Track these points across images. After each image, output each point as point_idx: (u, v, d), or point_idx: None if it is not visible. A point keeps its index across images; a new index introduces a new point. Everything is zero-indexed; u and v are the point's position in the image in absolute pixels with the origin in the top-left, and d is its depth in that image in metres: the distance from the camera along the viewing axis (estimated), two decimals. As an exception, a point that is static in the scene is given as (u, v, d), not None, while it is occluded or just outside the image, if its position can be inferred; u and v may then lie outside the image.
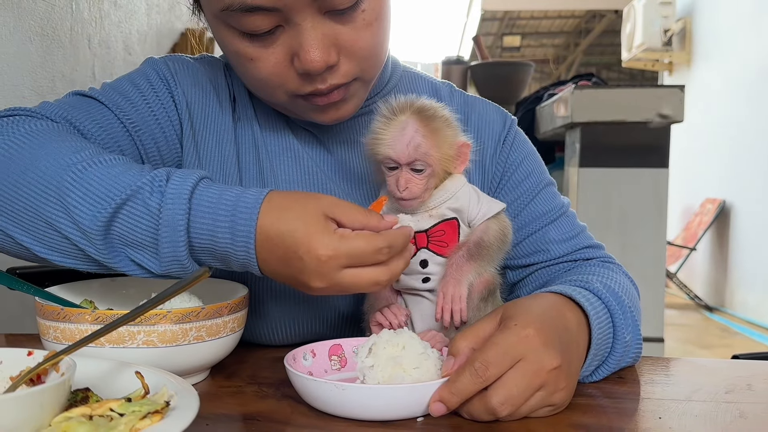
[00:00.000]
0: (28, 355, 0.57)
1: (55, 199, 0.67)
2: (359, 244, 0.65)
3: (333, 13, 0.73)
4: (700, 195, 6.85)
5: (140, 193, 0.66)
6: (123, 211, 0.66)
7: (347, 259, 0.65)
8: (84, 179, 0.67)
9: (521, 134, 0.97)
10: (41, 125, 0.75)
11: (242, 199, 0.67)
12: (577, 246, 0.91)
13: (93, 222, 0.66)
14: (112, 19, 2.17)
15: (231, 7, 0.71)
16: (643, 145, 2.65)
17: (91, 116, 0.81)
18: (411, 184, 0.74)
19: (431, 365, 0.65)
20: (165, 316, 0.67)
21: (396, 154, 0.73)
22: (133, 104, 0.84)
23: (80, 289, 0.82)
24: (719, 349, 4.68)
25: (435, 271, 0.77)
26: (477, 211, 0.78)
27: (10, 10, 1.64)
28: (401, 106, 0.75)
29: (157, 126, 0.86)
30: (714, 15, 6.87)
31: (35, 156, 0.70)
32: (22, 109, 0.79)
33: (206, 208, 0.66)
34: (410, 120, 0.74)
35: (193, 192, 0.67)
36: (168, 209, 0.66)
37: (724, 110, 6.46)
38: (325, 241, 0.64)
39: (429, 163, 0.74)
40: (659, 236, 2.71)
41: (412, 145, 0.73)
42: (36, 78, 1.75)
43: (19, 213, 0.69)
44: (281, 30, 0.73)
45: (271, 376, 0.76)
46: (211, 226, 0.66)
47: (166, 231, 0.66)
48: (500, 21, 11.94)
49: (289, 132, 0.90)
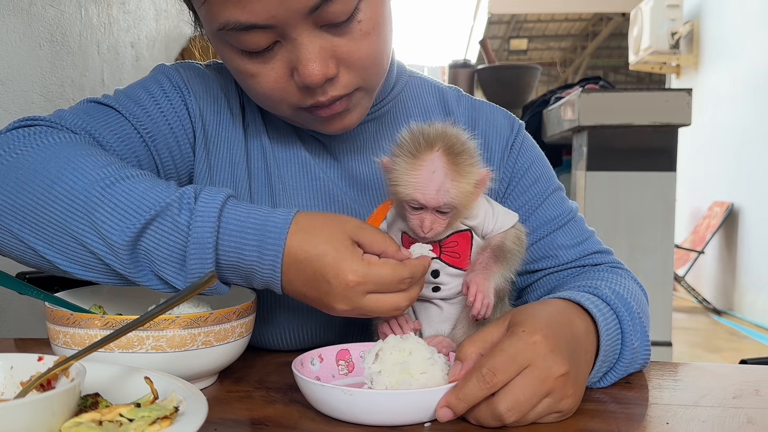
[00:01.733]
0: (39, 361, 0.57)
1: (82, 213, 0.68)
2: (386, 272, 0.68)
3: (329, 26, 0.72)
4: (708, 198, 6.82)
5: (169, 210, 0.68)
6: (151, 227, 0.67)
7: (373, 285, 0.68)
8: (112, 195, 0.69)
9: (529, 139, 0.97)
10: (64, 137, 0.75)
11: (271, 219, 0.69)
12: (585, 251, 0.91)
13: (121, 237, 0.67)
14: (120, 24, 2.18)
15: (227, 27, 0.71)
16: (650, 148, 2.64)
17: (109, 126, 0.82)
18: (435, 224, 0.74)
19: (438, 370, 0.66)
20: (174, 322, 0.67)
21: (425, 199, 0.72)
22: (147, 112, 0.85)
23: (89, 294, 0.82)
24: (728, 353, 4.65)
25: (446, 281, 0.77)
26: (492, 224, 0.78)
27: (19, 17, 1.65)
28: (429, 139, 0.72)
29: (171, 134, 0.86)
30: (721, 18, 6.85)
31: (61, 170, 0.71)
32: (41, 119, 0.80)
33: (235, 226, 0.68)
34: (439, 160, 0.72)
35: (222, 210, 0.69)
36: (197, 226, 0.67)
37: (731, 113, 6.44)
38: (354, 267, 0.67)
39: (455, 206, 0.73)
40: (667, 240, 2.70)
41: (443, 191, 0.71)
42: (45, 83, 1.75)
43: (44, 227, 0.69)
44: (279, 45, 0.73)
45: (279, 381, 0.76)
46: (239, 244, 0.68)
47: (194, 248, 0.67)
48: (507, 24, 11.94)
49: (297, 140, 0.90)
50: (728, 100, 6.54)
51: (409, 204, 0.74)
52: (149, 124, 0.84)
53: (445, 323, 0.79)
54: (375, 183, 0.91)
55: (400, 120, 0.94)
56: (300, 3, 0.69)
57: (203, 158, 0.88)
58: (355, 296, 0.68)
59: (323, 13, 0.70)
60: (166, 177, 0.87)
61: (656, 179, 2.66)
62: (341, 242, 0.68)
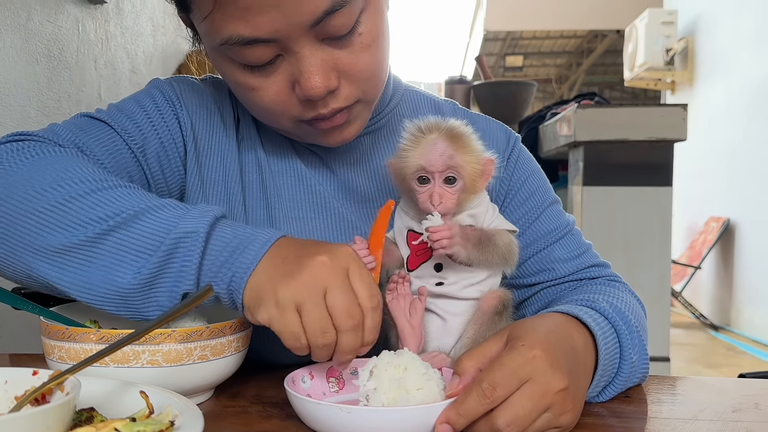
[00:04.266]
0: (33, 375, 0.56)
1: (71, 215, 0.69)
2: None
3: (330, 39, 0.73)
4: (704, 213, 6.84)
5: (162, 209, 0.70)
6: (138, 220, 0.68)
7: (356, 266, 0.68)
8: (92, 202, 0.69)
9: (525, 152, 0.98)
10: (51, 151, 0.76)
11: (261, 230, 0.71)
12: (582, 265, 0.91)
13: (90, 230, 0.68)
14: (118, 40, 2.19)
15: (229, 41, 0.71)
16: (646, 163, 2.65)
17: (100, 140, 0.82)
18: (445, 198, 0.74)
19: (434, 386, 0.65)
20: (170, 336, 0.67)
21: (429, 163, 0.74)
22: (138, 126, 0.85)
23: (85, 309, 0.82)
24: (726, 369, 4.64)
25: (448, 276, 0.77)
26: (491, 220, 0.79)
27: (17, 32, 1.66)
28: (430, 126, 0.76)
29: (161, 148, 0.86)
30: (716, 34, 6.91)
31: (44, 182, 0.71)
32: (31, 134, 0.80)
33: (230, 225, 0.71)
34: (440, 138, 0.75)
35: (218, 218, 0.70)
36: (186, 224, 0.69)
37: (727, 128, 6.48)
38: (351, 249, 0.70)
39: (461, 175, 0.74)
40: (664, 255, 2.70)
41: (446, 155, 0.74)
42: (42, 98, 1.76)
43: (27, 237, 0.69)
44: (281, 59, 0.74)
45: (275, 396, 0.76)
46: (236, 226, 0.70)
47: (185, 239, 0.68)
48: (503, 41, 12.01)
49: (292, 152, 0.91)
50: (723, 115, 6.58)
51: (416, 178, 0.75)
52: (139, 138, 0.84)
53: (447, 337, 0.78)
54: (372, 195, 0.91)
55: (396, 133, 0.94)
56: (303, 17, 0.69)
57: (195, 172, 0.88)
58: (339, 259, 0.67)
59: (325, 27, 0.71)
60: (157, 191, 0.87)
61: (652, 194, 2.66)
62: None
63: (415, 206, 0.77)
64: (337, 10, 0.70)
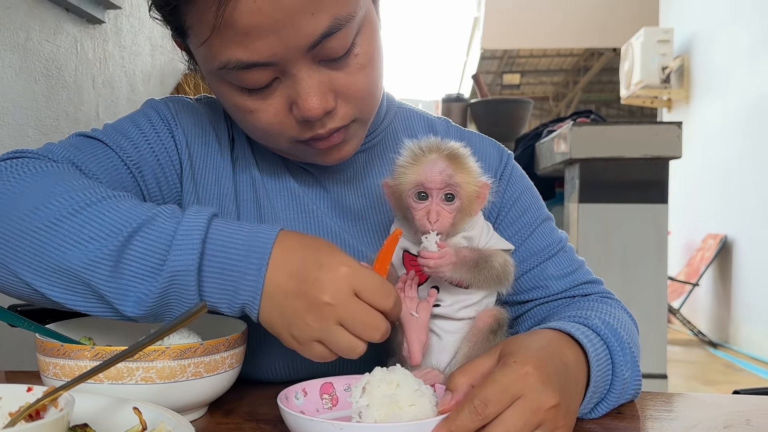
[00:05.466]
0: (28, 391, 0.57)
1: (65, 233, 0.68)
2: (376, 277, 0.69)
3: (327, 61, 0.74)
4: (702, 230, 6.85)
5: (155, 220, 0.69)
6: (136, 238, 0.67)
7: (362, 284, 0.68)
8: (96, 212, 0.69)
9: (518, 169, 0.98)
10: (46, 167, 0.76)
11: (262, 226, 0.71)
12: (575, 281, 0.92)
13: (103, 250, 0.67)
14: (116, 59, 2.20)
15: (228, 66, 0.72)
16: (642, 180, 2.67)
17: (96, 157, 0.83)
18: (442, 215, 0.75)
19: (426, 402, 0.65)
20: (164, 352, 0.67)
21: (429, 179, 0.74)
22: (134, 144, 0.86)
23: (80, 326, 0.82)
24: (724, 386, 4.63)
25: (445, 298, 0.78)
26: (486, 241, 0.79)
27: (16, 52, 1.67)
28: (430, 146, 0.76)
29: (157, 165, 0.87)
30: (711, 52, 6.96)
31: (44, 195, 0.71)
32: (27, 152, 0.81)
33: (225, 227, 0.70)
34: (439, 158, 0.75)
35: (212, 218, 0.70)
36: (185, 225, 0.68)
37: (723, 146, 6.50)
38: (348, 260, 0.69)
39: (459, 194, 0.75)
40: (660, 271, 2.70)
41: (446, 173, 0.74)
42: (40, 117, 1.77)
43: (28, 252, 0.69)
44: (278, 81, 0.75)
45: (269, 413, 0.76)
46: (228, 242, 0.69)
47: (181, 240, 0.67)
48: (500, 59, 12.09)
49: (286, 171, 0.91)
50: (720, 133, 6.61)
51: (414, 195, 0.75)
52: (135, 155, 0.85)
53: (443, 353, 0.79)
54: (365, 213, 0.92)
55: (389, 151, 0.95)
56: (301, 40, 0.70)
57: (191, 189, 0.89)
58: (341, 290, 0.67)
59: (322, 49, 0.72)
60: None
61: (648, 211, 2.67)
62: (331, 243, 0.72)
63: (411, 226, 0.78)
64: (333, 33, 0.71)
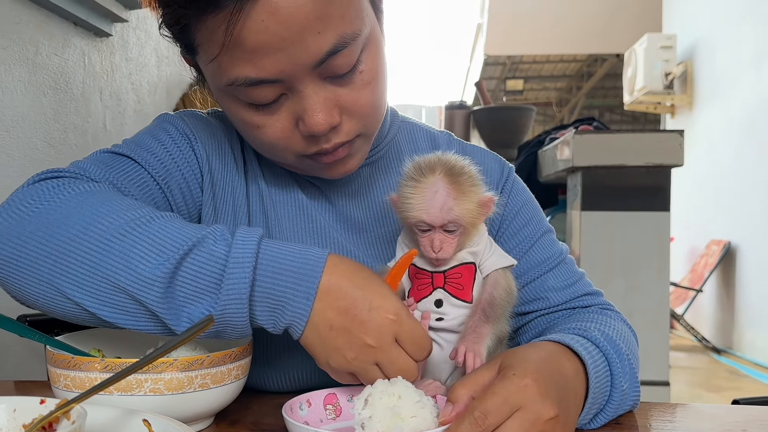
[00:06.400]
0: (41, 404, 0.58)
1: (118, 252, 0.69)
2: (420, 328, 0.72)
3: (332, 77, 0.76)
4: (706, 236, 6.85)
5: (205, 241, 0.70)
6: (188, 260, 0.68)
7: (406, 332, 0.71)
8: (147, 232, 0.70)
9: (519, 182, 1.00)
10: (90, 187, 0.77)
11: (311, 249, 0.72)
12: (575, 293, 0.93)
13: (155, 271, 0.68)
14: (123, 71, 2.22)
15: (236, 82, 0.74)
16: (644, 188, 2.68)
17: (127, 174, 0.83)
18: (445, 244, 0.76)
19: (428, 413, 0.66)
20: (171, 364, 0.68)
21: (430, 218, 0.75)
22: (159, 159, 0.87)
23: (89, 338, 0.84)
24: (728, 392, 4.62)
25: (449, 312, 0.79)
26: (488, 257, 0.80)
27: (25, 66, 1.69)
28: (430, 165, 0.77)
29: (182, 179, 0.88)
30: (714, 58, 6.96)
31: (93, 215, 0.71)
32: (63, 171, 0.80)
33: (275, 252, 0.71)
34: (440, 181, 0.76)
35: (261, 241, 0.71)
36: (236, 253, 0.69)
37: (727, 151, 6.50)
38: (397, 304, 0.71)
39: (461, 224, 0.76)
40: (662, 279, 2.71)
41: (446, 208, 0.75)
42: (49, 130, 1.79)
43: (78, 271, 0.69)
44: (285, 97, 0.76)
45: (273, 423, 0.77)
46: (278, 269, 0.70)
47: (232, 270, 0.68)
48: (503, 65, 12.10)
49: (293, 183, 0.93)
50: (723, 138, 6.61)
51: (417, 227, 0.77)
52: (162, 170, 0.86)
53: (445, 364, 0.80)
54: (369, 225, 0.94)
55: (393, 164, 0.97)
56: (307, 58, 0.72)
57: (210, 202, 0.90)
58: (386, 336, 0.70)
59: (328, 66, 0.74)
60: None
61: (650, 219, 2.68)
62: (383, 282, 0.74)
63: (414, 235, 0.79)
64: (339, 51, 0.73)
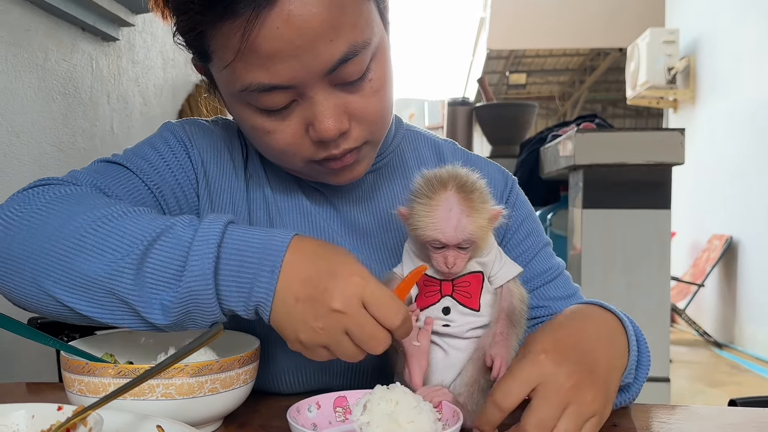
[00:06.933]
0: (58, 410, 0.61)
1: (91, 246, 0.71)
2: (386, 291, 0.71)
3: (343, 84, 0.78)
4: (707, 231, 6.85)
5: (173, 229, 0.71)
6: (156, 246, 0.70)
7: (371, 296, 0.69)
8: (119, 226, 0.72)
9: (522, 194, 1.02)
10: (71, 190, 0.80)
11: (276, 231, 0.74)
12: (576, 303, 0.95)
13: (124, 260, 0.70)
14: (129, 75, 2.24)
15: (249, 88, 0.75)
16: (645, 186, 2.70)
17: (117, 180, 0.86)
18: (458, 260, 0.77)
19: (425, 418, 0.67)
20: (182, 370, 0.70)
21: (446, 238, 0.76)
22: (153, 166, 0.89)
23: (101, 343, 0.86)
24: (729, 387, 4.64)
25: (456, 319, 0.80)
26: (498, 269, 0.82)
27: (35, 72, 1.72)
28: (442, 180, 0.77)
29: (177, 185, 0.91)
30: (717, 53, 6.95)
31: (69, 214, 0.74)
32: (52, 179, 0.84)
33: (242, 232, 0.72)
34: (453, 198, 0.76)
35: (228, 223, 0.72)
36: (202, 232, 0.70)
37: (729, 146, 6.50)
38: (362, 269, 0.71)
39: (474, 240, 0.77)
40: (663, 277, 2.73)
41: (460, 228, 0.75)
42: (57, 134, 1.81)
43: (56, 268, 0.72)
44: (295, 104, 0.78)
45: (281, 425, 0.79)
46: (244, 245, 0.71)
47: (198, 246, 0.69)
48: (506, 59, 12.09)
49: (298, 190, 0.95)
50: (725, 133, 6.61)
51: (431, 244, 0.78)
52: (155, 176, 0.89)
53: (449, 370, 0.80)
54: (374, 232, 0.96)
55: (397, 172, 0.99)
56: (319, 65, 0.74)
57: (207, 207, 0.92)
58: (351, 299, 0.68)
59: (339, 73, 0.76)
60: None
61: (651, 216, 2.70)
62: (347, 251, 0.74)
63: (424, 248, 0.80)
64: (350, 58, 0.75)
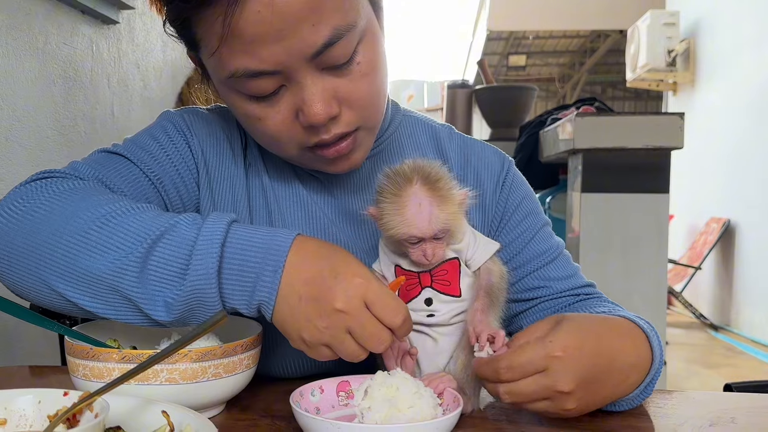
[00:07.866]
0: (64, 396, 0.62)
1: (94, 244, 0.72)
2: (388, 292, 0.73)
3: (330, 68, 0.78)
4: (705, 214, 6.87)
5: (177, 227, 0.72)
6: (160, 244, 0.71)
7: (374, 296, 0.71)
8: (122, 223, 0.73)
9: (519, 175, 1.02)
10: (74, 184, 0.81)
11: (280, 230, 0.75)
12: (575, 284, 0.97)
13: (128, 258, 0.71)
14: (129, 57, 2.23)
15: (236, 74, 0.76)
16: (644, 170, 2.70)
17: (119, 172, 0.87)
18: (437, 250, 0.78)
19: (425, 404, 0.69)
20: (186, 355, 0.72)
21: (421, 232, 0.76)
22: (153, 156, 0.90)
23: (104, 328, 0.87)
24: (724, 369, 4.68)
25: (439, 308, 0.80)
26: (474, 251, 0.82)
27: (35, 56, 1.71)
28: (406, 175, 0.77)
29: (177, 175, 0.91)
30: (717, 36, 6.93)
31: (74, 210, 0.75)
32: (54, 172, 0.85)
33: (245, 231, 0.73)
34: (420, 191, 0.76)
35: (231, 223, 0.74)
36: (206, 231, 0.72)
37: (728, 129, 6.50)
38: (363, 270, 0.73)
39: (448, 229, 0.78)
40: (660, 259, 2.75)
41: (433, 219, 0.76)
42: (59, 118, 1.81)
43: (60, 264, 0.73)
44: (284, 89, 0.78)
45: (283, 409, 0.80)
46: (246, 246, 0.72)
47: (202, 245, 0.71)
48: (506, 41, 12.02)
49: (295, 178, 0.95)
50: (724, 116, 6.60)
51: (407, 241, 0.78)
52: (156, 167, 0.90)
53: (440, 356, 0.82)
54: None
55: (394, 158, 0.98)
56: (304, 49, 0.74)
57: (207, 195, 0.93)
58: (354, 299, 0.70)
59: (325, 57, 0.76)
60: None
61: (650, 200, 2.71)
62: (349, 252, 0.76)
63: (398, 244, 0.80)
64: (335, 42, 0.75)
